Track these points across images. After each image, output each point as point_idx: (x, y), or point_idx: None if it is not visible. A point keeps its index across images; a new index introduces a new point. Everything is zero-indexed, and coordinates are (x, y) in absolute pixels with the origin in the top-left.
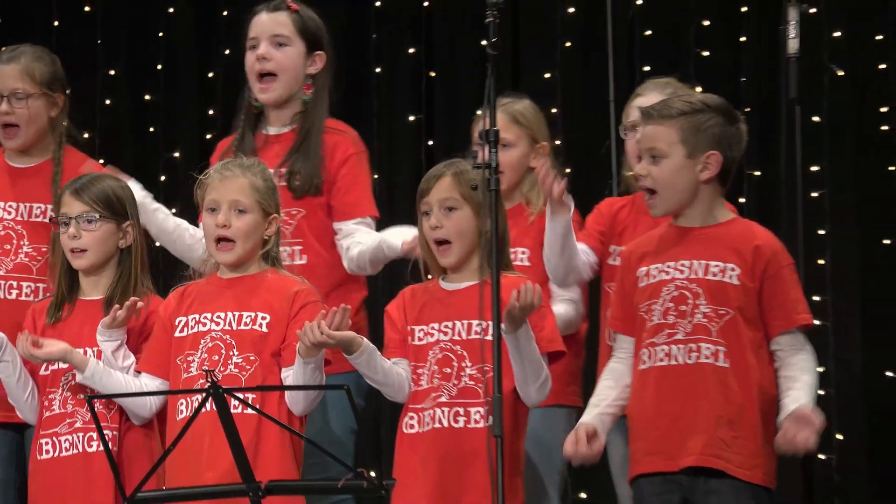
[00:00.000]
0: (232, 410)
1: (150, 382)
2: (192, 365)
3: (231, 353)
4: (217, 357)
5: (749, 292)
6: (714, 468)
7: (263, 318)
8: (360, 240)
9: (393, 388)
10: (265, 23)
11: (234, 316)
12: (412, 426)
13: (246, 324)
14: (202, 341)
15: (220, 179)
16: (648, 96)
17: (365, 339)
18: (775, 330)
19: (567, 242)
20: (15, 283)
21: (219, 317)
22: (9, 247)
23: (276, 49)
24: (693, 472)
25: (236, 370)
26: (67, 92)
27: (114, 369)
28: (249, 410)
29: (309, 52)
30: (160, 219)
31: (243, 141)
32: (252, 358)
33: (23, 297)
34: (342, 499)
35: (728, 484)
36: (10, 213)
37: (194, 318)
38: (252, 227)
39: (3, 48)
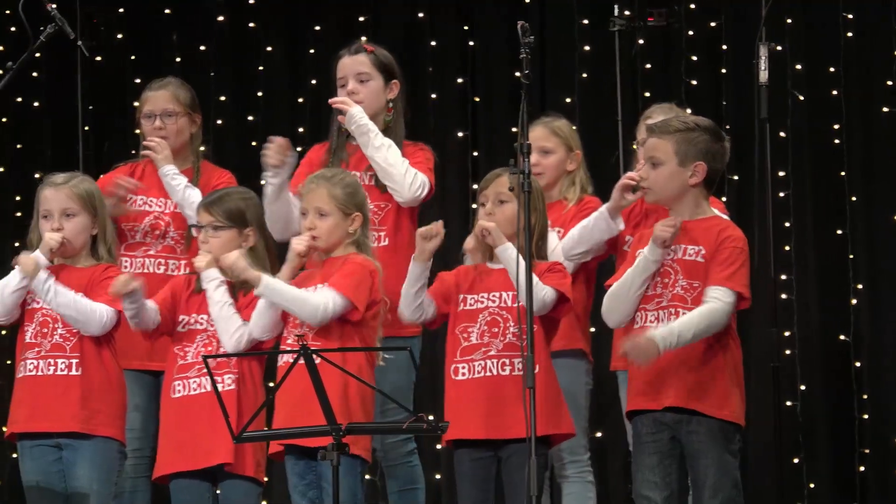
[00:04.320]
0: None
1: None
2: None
3: None
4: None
5: (709, 267)
6: (688, 408)
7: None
8: None
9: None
10: (349, 64)
11: (312, 289)
12: (464, 374)
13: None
14: None
15: (307, 192)
16: (655, 118)
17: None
18: (708, 281)
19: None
20: (163, 261)
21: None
22: (158, 232)
23: (360, 85)
24: (676, 412)
25: (307, 329)
26: None
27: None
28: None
29: (386, 82)
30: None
31: (337, 150)
32: None
33: (169, 272)
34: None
35: (704, 422)
36: (159, 206)
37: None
38: (332, 226)
39: (153, 80)
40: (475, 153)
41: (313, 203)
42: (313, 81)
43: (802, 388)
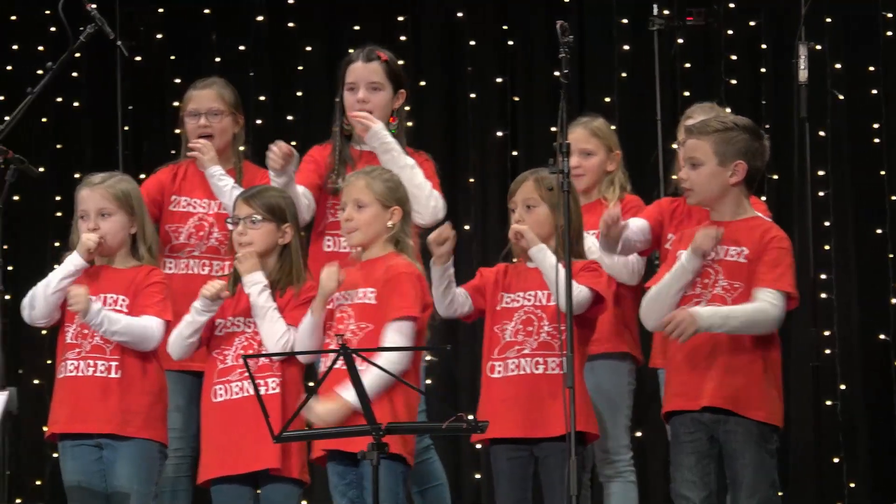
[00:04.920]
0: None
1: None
2: (330, 328)
3: (349, 323)
4: (341, 326)
5: (753, 267)
6: (725, 409)
7: (372, 292)
8: None
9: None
10: (361, 71)
11: (354, 292)
12: (499, 372)
13: (359, 298)
14: (336, 313)
15: (347, 184)
16: (696, 118)
17: None
18: (756, 284)
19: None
20: (207, 262)
21: (349, 293)
22: (202, 233)
23: (371, 93)
24: (714, 413)
25: (350, 335)
26: None
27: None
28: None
29: (395, 91)
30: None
31: (342, 152)
32: (363, 325)
33: (213, 273)
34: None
35: (741, 423)
36: (203, 207)
37: (337, 294)
38: (371, 218)
39: (198, 79)
40: (514, 153)
41: (352, 195)
42: None
43: (842, 387)
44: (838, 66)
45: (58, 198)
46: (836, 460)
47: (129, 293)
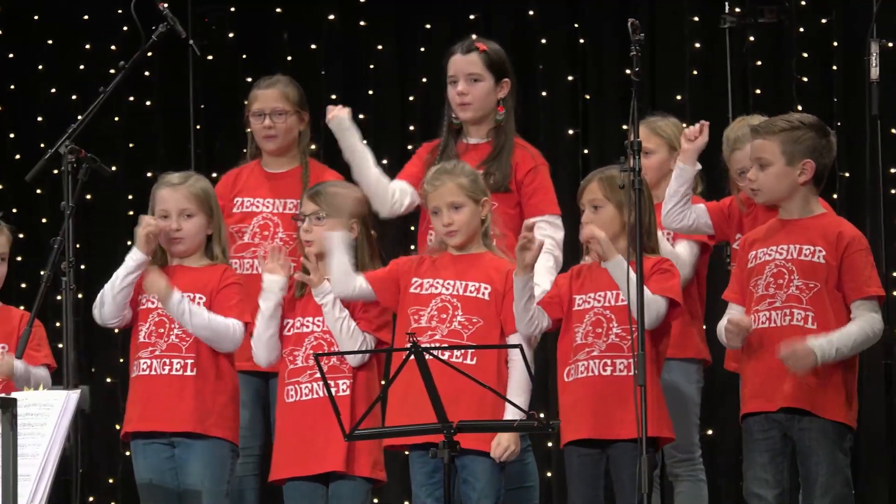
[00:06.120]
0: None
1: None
2: (422, 318)
3: (456, 314)
4: (444, 315)
5: (832, 269)
6: (803, 409)
7: (486, 288)
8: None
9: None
10: (460, 63)
11: (460, 284)
12: (570, 374)
13: (471, 291)
14: (432, 301)
15: (433, 189)
16: (743, 147)
17: None
18: (850, 298)
19: None
20: None
21: (449, 283)
22: (267, 233)
23: (470, 85)
24: (789, 412)
25: (459, 327)
26: None
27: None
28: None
29: (497, 81)
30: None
31: (447, 148)
32: (475, 320)
33: None
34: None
35: (816, 422)
36: (268, 207)
37: (428, 281)
38: (470, 216)
39: (262, 78)
40: (585, 151)
41: (445, 199)
42: (424, 80)
43: None
44: None
45: (130, 196)
46: None
47: (205, 291)
